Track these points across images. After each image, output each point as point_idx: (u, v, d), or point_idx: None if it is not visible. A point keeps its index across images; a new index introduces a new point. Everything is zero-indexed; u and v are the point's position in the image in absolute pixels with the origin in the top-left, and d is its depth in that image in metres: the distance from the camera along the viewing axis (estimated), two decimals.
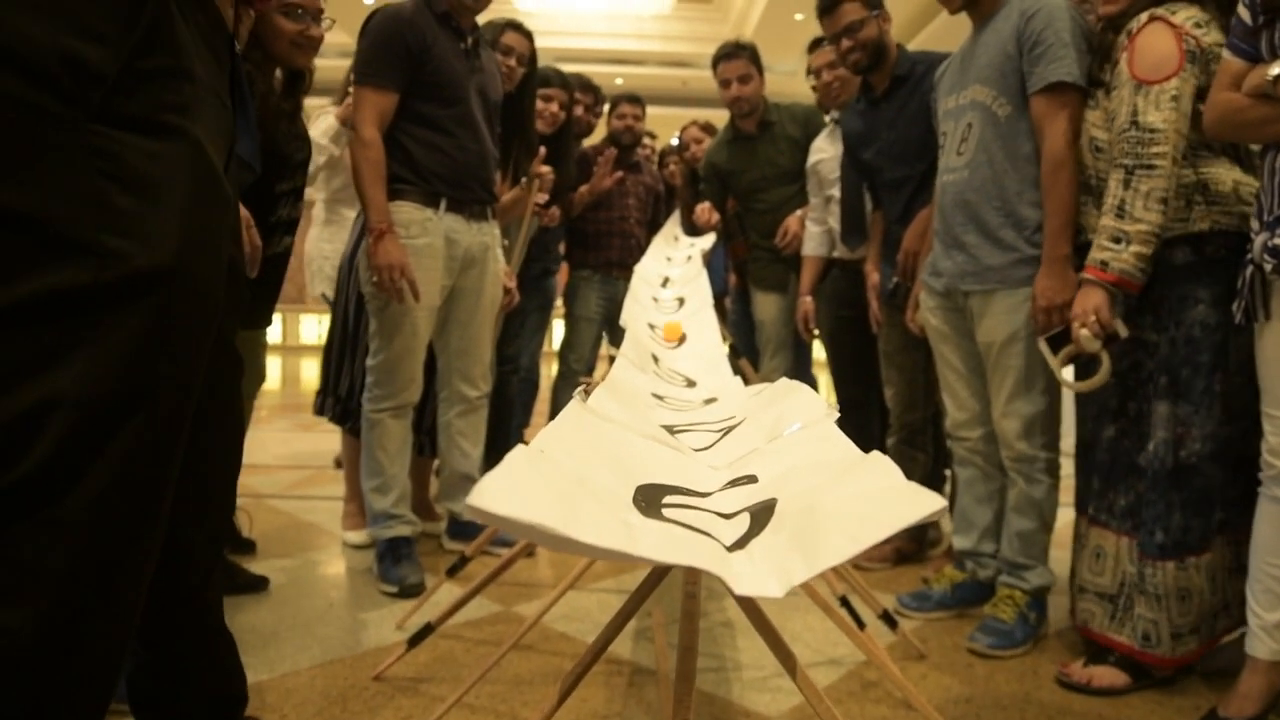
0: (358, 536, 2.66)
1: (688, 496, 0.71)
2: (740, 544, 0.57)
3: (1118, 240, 1.67)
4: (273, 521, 2.93)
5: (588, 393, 0.95)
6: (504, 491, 0.45)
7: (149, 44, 0.77)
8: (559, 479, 0.54)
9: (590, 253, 3.47)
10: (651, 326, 1.93)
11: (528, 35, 2.70)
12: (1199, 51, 1.63)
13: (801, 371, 3.43)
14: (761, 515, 0.61)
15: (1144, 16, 1.68)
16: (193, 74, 0.83)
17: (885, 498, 0.53)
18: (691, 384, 1.63)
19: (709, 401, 1.35)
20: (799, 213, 3.04)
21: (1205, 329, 1.66)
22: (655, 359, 1.68)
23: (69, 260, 0.71)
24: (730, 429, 1.03)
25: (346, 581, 2.38)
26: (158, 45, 0.78)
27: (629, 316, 1.88)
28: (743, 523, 0.62)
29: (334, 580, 2.39)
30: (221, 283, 0.89)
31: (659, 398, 1.34)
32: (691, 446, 0.96)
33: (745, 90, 3.09)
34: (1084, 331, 1.70)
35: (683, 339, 1.84)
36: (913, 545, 2.63)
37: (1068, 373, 1.85)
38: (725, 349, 2.00)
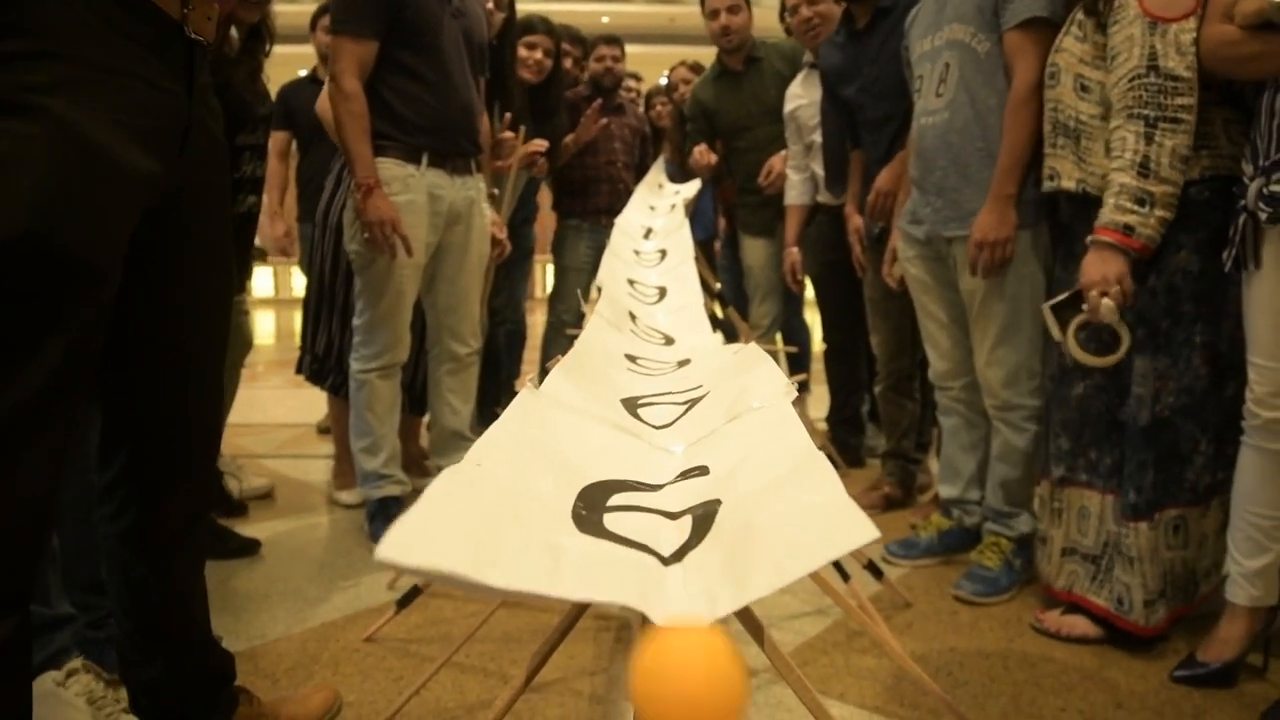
0: (350, 496, 2.67)
1: (636, 493, 0.69)
2: (678, 555, 0.56)
3: (1142, 202, 1.54)
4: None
5: (544, 374, 0.93)
6: (412, 540, 0.43)
7: (4, 30, 0.82)
8: (484, 505, 0.53)
9: (578, 200, 3.42)
10: (631, 282, 1.90)
11: None
12: None
13: (793, 317, 3.42)
14: (703, 522, 0.60)
15: None
16: (70, 55, 0.87)
17: (818, 522, 0.51)
18: (669, 341, 1.61)
19: (682, 364, 1.33)
20: (783, 153, 2.98)
21: (1187, 277, 1.59)
22: (633, 316, 1.65)
23: None
24: (695, 401, 1.01)
25: (338, 542, 2.39)
26: (15, 30, 0.82)
27: (607, 274, 1.85)
28: (685, 528, 0.60)
29: (325, 541, 2.40)
30: (103, 251, 0.91)
31: (631, 359, 1.32)
32: (653, 422, 0.95)
33: (734, 20, 3.01)
34: (1106, 301, 1.57)
35: None
36: (901, 492, 2.64)
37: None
38: (706, 301, 1.97)
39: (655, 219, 2.54)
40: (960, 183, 1.95)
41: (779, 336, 3.34)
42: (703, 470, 0.74)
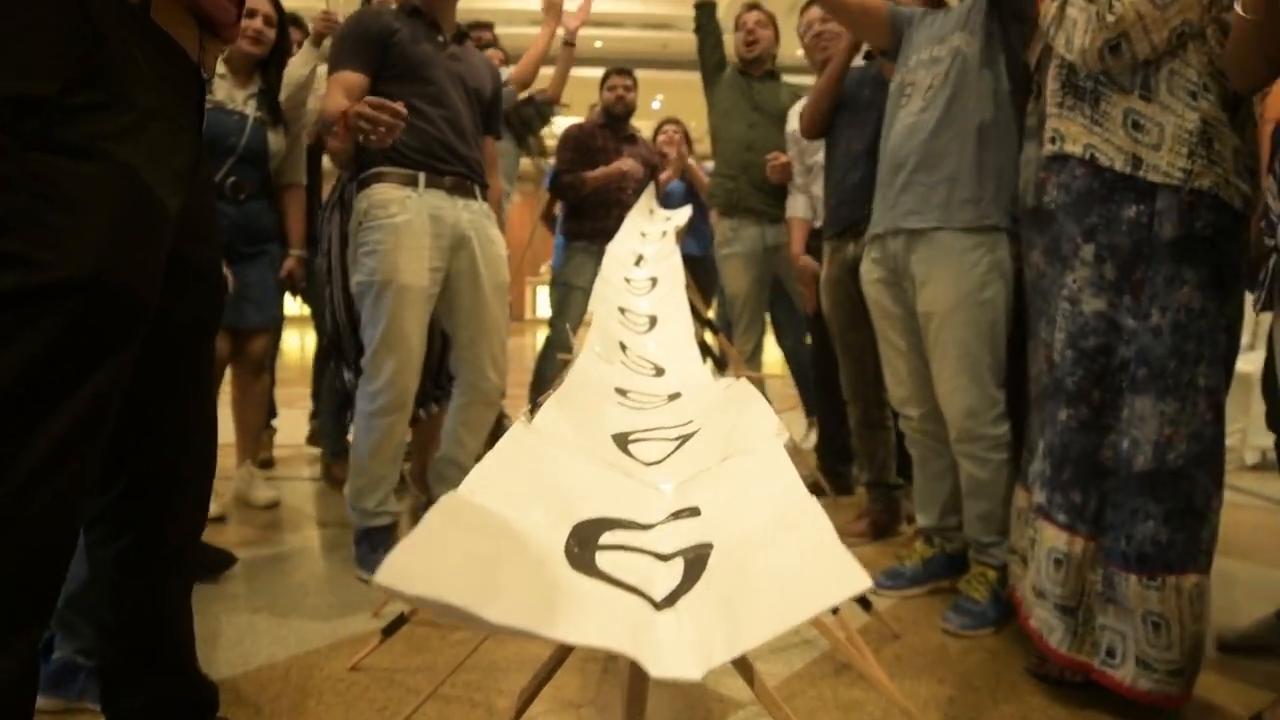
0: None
1: (628, 531, 0.69)
2: (670, 600, 0.56)
3: None
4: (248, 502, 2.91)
5: (535, 409, 0.94)
6: (414, 568, 0.43)
7: (84, 80, 0.86)
8: (483, 536, 0.53)
9: (586, 222, 3.53)
10: (622, 310, 1.91)
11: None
12: None
13: (797, 343, 3.55)
14: (695, 566, 0.60)
15: None
16: (133, 103, 0.92)
17: (811, 570, 0.51)
18: (660, 372, 1.62)
19: (673, 397, 1.33)
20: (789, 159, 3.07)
21: (1190, 314, 1.49)
22: (623, 346, 1.66)
23: (4, 269, 0.82)
24: (686, 438, 1.01)
25: (322, 566, 2.37)
26: (93, 80, 0.87)
27: (598, 301, 1.86)
28: (676, 570, 0.61)
29: (310, 566, 2.38)
30: (151, 290, 0.96)
31: (622, 393, 1.32)
32: (643, 459, 0.95)
33: (762, 33, 3.17)
34: None
35: None
36: (886, 518, 2.64)
37: None
38: (697, 329, 1.98)
39: (646, 245, 2.55)
40: (927, 176, 1.95)
41: (784, 364, 3.42)
42: (694, 511, 0.74)
